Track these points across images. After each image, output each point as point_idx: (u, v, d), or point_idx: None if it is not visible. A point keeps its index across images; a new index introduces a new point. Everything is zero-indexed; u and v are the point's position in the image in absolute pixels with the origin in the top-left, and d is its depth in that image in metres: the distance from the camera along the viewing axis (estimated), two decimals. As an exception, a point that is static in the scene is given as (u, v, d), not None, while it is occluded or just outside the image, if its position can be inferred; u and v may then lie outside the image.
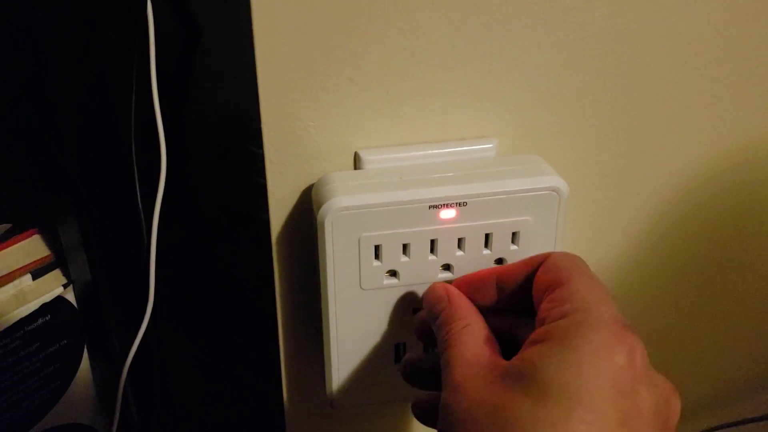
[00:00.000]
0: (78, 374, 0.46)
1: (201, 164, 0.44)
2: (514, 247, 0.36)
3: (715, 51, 0.38)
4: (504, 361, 0.28)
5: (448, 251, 0.35)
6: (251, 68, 0.33)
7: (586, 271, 0.30)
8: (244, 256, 0.44)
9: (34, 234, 0.45)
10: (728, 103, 0.40)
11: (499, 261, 0.36)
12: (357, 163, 0.37)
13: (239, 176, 0.41)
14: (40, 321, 0.43)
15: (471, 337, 0.30)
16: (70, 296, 0.44)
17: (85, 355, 0.46)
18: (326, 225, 0.33)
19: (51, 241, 0.45)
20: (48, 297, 0.43)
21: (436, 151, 0.37)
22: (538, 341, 0.27)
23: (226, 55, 0.38)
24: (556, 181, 0.35)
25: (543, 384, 0.25)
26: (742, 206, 0.44)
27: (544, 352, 0.27)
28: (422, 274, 0.35)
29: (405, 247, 0.35)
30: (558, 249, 0.36)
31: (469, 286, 0.34)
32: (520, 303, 0.32)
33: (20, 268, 0.43)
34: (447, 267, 0.36)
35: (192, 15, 0.39)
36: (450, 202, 0.34)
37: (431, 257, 0.35)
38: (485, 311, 0.33)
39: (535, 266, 0.31)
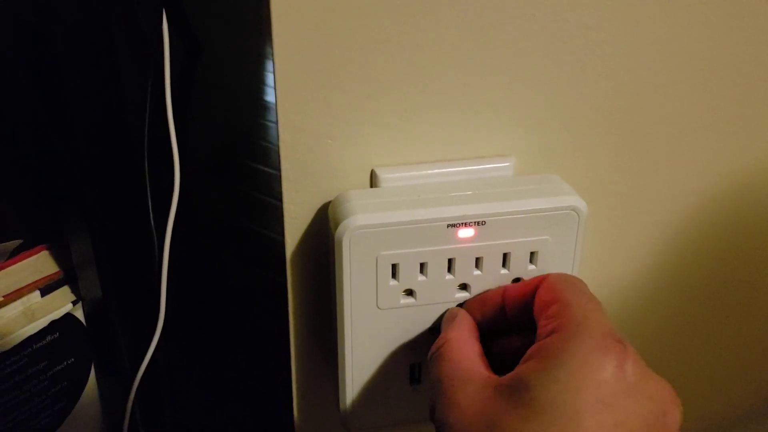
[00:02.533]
0: (85, 393, 0.46)
1: (212, 181, 0.43)
2: (532, 267, 0.35)
3: (730, 71, 0.38)
4: (496, 376, 0.29)
5: (466, 271, 0.35)
6: (253, 84, 0.33)
7: (581, 288, 0.31)
8: (256, 274, 0.43)
9: (42, 250, 0.44)
10: (744, 122, 0.40)
11: (517, 281, 0.36)
12: (374, 181, 0.36)
13: (253, 194, 0.40)
14: (48, 339, 0.42)
15: (461, 352, 0.31)
16: (79, 313, 0.44)
17: (92, 373, 0.46)
18: (344, 243, 0.33)
19: (60, 257, 0.44)
20: (57, 314, 0.42)
21: (453, 169, 0.36)
22: (531, 357, 0.28)
23: (229, 71, 0.38)
24: (575, 200, 0.34)
25: (532, 400, 0.26)
26: (757, 226, 0.44)
27: (534, 368, 0.27)
28: (439, 293, 0.35)
29: (422, 266, 0.34)
30: (576, 269, 0.36)
31: (480, 305, 0.34)
32: (525, 323, 0.32)
33: (29, 285, 0.42)
34: (464, 286, 0.35)
35: (193, 31, 0.39)
36: (468, 221, 0.34)
37: (448, 276, 0.35)
38: (496, 332, 0.33)
39: (536, 286, 0.32)
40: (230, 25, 0.34)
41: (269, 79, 0.34)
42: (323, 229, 0.37)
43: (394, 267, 0.34)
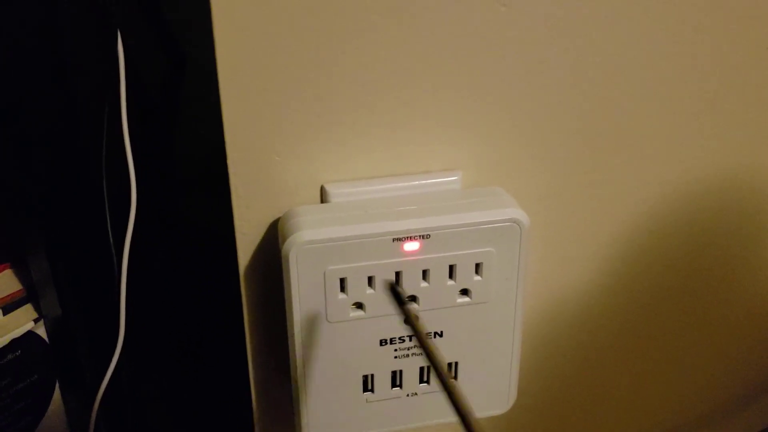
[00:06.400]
0: (50, 409, 0.46)
1: (179, 195, 0.44)
2: (477, 278, 0.36)
3: (674, 82, 0.39)
4: None
5: (413, 283, 0.36)
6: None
7: None
8: (215, 288, 0.44)
9: (5, 269, 0.45)
10: (689, 133, 0.41)
11: (464, 291, 0.36)
12: (323, 196, 0.37)
13: (215, 207, 0.41)
14: (10, 356, 0.43)
15: None
16: (41, 331, 0.44)
17: (57, 389, 0.46)
18: (291, 258, 0.34)
19: (22, 276, 0.45)
20: (18, 332, 0.43)
21: (401, 184, 0.37)
22: None
23: (209, 84, 0.39)
24: (516, 213, 0.35)
25: None
26: (705, 234, 0.45)
27: None
28: (388, 305, 0.36)
29: (370, 279, 0.35)
30: (520, 279, 0.37)
31: None
32: None
33: (-9, 304, 0.43)
34: (413, 298, 0.36)
35: (177, 45, 0.39)
36: (413, 234, 0.34)
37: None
38: None
39: None
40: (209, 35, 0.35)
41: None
42: (274, 245, 0.37)
43: (342, 281, 0.35)
